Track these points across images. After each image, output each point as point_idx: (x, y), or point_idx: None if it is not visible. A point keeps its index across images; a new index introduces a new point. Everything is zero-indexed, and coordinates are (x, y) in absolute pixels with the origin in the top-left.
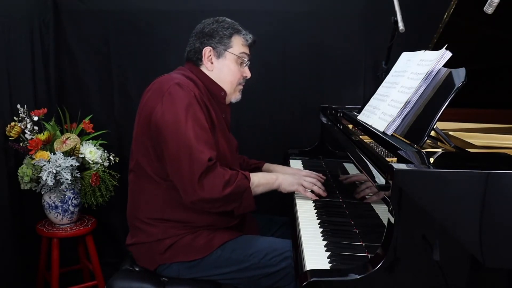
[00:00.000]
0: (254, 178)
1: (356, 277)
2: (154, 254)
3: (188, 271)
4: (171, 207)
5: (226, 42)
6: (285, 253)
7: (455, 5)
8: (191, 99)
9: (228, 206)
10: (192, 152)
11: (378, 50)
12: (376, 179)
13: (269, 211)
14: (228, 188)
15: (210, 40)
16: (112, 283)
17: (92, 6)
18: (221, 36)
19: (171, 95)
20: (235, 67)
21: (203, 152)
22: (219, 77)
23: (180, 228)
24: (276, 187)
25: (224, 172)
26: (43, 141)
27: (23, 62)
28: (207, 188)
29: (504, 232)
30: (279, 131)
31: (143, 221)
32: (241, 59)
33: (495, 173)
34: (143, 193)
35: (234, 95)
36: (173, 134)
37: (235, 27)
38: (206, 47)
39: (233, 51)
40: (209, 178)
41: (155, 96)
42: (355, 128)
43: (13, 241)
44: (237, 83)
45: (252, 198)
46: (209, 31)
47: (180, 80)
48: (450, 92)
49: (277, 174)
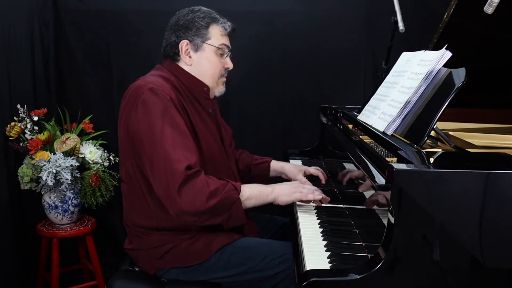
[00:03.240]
0: (245, 189)
1: (356, 277)
2: (152, 259)
3: (187, 276)
4: (166, 216)
5: (204, 34)
6: (284, 255)
7: (455, 5)
8: (166, 103)
9: (215, 219)
10: (169, 163)
11: (378, 50)
12: (376, 179)
13: (269, 211)
14: (212, 199)
15: (186, 32)
16: (112, 283)
17: (92, 6)
18: (198, 27)
19: (144, 103)
20: (215, 59)
21: (180, 161)
22: (199, 71)
23: (177, 234)
24: (271, 200)
25: (208, 181)
26: (43, 141)
27: (23, 62)
28: (188, 200)
29: (504, 232)
30: (279, 131)
31: (138, 230)
32: (221, 50)
33: (495, 173)
34: (136, 204)
35: (218, 88)
36: (149, 145)
37: (211, 15)
38: (182, 41)
39: (211, 42)
40: (190, 189)
41: (130, 104)
42: (355, 128)
43: (13, 241)
44: (218, 75)
45: (242, 211)
46: (184, 23)
47: (154, 85)
48: (450, 92)
49: (273, 186)
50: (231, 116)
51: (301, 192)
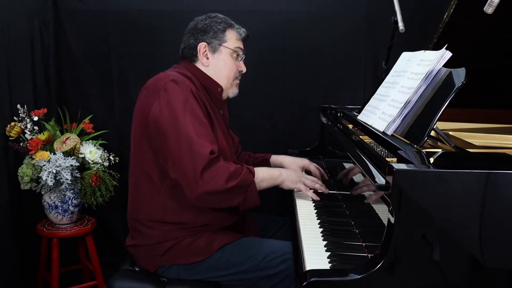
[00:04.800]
0: (258, 172)
1: (356, 277)
2: (153, 256)
3: (188, 273)
4: (171, 210)
5: (221, 37)
6: (284, 255)
7: (455, 5)
8: (188, 94)
9: (233, 200)
10: (193, 146)
11: (378, 50)
12: (376, 179)
13: (269, 211)
14: (232, 181)
15: (204, 35)
16: (112, 283)
17: (92, 6)
18: (215, 30)
19: (167, 91)
20: (231, 61)
21: (204, 145)
22: (215, 72)
23: (180, 231)
24: (279, 183)
25: (228, 165)
26: (43, 141)
27: (23, 62)
28: (210, 180)
29: (504, 232)
30: (279, 131)
31: (142, 224)
32: (236, 52)
33: (495, 173)
34: (143, 196)
35: (231, 89)
36: (173, 129)
37: (228, 21)
38: (201, 43)
39: (228, 45)
40: (212, 171)
41: (151, 94)
42: (355, 128)
43: (13, 241)
44: (233, 77)
45: (257, 192)
46: (202, 27)
47: (176, 77)
48: (450, 92)
49: (281, 170)
50: (231, 116)
51: (304, 183)
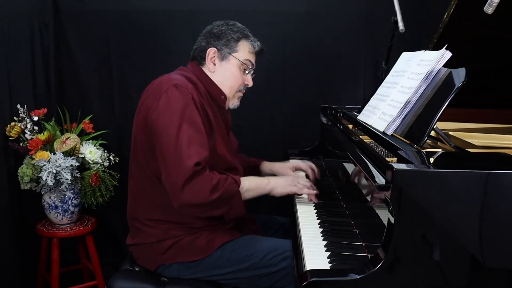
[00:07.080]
0: (244, 182)
1: (356, 277)
2: (154, 254)
3: (188, 272)
4: (171, 209)
5: (232, 46)
6: (285, 253)
7: (455, 5)
8: (188, 100)
9: (216, 211)
10: (180, 157)
11: (378, 50)
12: (376, 179)
13: (269, 211)
14: (215, 193)
15: (216, 41)
16: (112, 283)
17: (92, 6)
18: (228, 38)
19: (168, 96)
20: (238, 72)
21: (190, 157)
22: (220, 79)
23: (180, 229)
24: (268, 192)
25: (212, 176)
26: (43, 141)
27: (23, 62)
28: (193, 193)
29: (504, 232)
30: (279, 131)
31: (143, 223)
32: (244, 65)
33: (495, 173)
34: (142, 194)
35: (233, 101)
36: (166, 135)
37: (244, 32)
38: (211, 48)
39: (237, 56)
40: (195, 183)
41: (153, 97)
42: (355, 128)
43: (13, 241)
44: (237, 89)
45: (242, 203)
46: (217, 32)
47: (179, 81)
48: (450, 92)
49: (269, 179)
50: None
51: (295, 185)
